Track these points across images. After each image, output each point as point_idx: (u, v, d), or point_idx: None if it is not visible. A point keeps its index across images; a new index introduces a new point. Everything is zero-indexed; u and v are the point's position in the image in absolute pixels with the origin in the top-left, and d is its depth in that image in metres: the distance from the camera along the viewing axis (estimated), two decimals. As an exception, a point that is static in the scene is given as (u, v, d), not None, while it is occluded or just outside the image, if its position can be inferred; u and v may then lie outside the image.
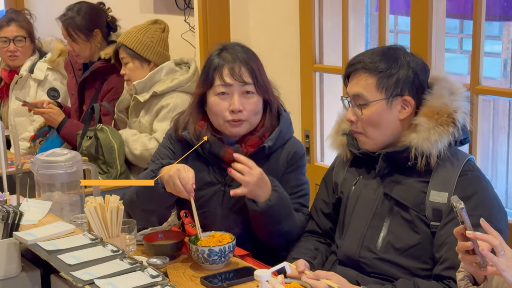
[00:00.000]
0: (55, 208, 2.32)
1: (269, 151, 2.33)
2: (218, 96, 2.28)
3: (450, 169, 2.02)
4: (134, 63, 3.32)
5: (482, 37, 2.40)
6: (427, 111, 2.05)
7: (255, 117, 2.31)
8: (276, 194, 2.22)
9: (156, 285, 1.62)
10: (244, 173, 2.17)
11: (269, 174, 2.30)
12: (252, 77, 2.27)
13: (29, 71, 4.02)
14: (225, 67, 2.26)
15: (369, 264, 2.07)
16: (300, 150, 2.39)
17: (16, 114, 4.08)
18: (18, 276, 1.96)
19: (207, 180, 2.35)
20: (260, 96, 2.30)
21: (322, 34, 3.09)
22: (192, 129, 2.33)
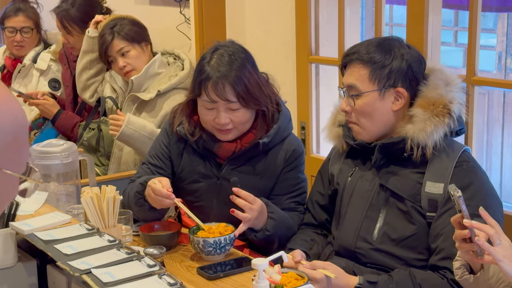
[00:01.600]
0: (51, 198, 2.32)
1: (267, 148, 2.32)
2: (205, 108, 2.26)
3: (446, 160, 2.03)
4: (136, 48, 3.23)
5: (478, 28, 2.40)
6: (422, 102, 2.05)
7: (243, 126, 2.29)
8: (273, 223, 2.21)
9: (153, 274, 1.62)
10: (245, 210, 2.15)
11: (267, 170, 2.32)
12: (237, 95, 2.21)
13: (33, 60, 4.00)
14: (210, 82, 2.21)
15: (365, 254, 2.08)
16: (299, 148, 2.38)
17: None
18: (15, 266, 1.95)
19: (203, 173, 2.35)
20: (248, 109, 2.26)
21: (318, 25, 3.09)
22: (186, 125, 2.33)
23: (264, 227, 2.20)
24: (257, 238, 2.21)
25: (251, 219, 2.16)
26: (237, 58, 2.24)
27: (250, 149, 2.30)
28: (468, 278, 1.74)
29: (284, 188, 2.35)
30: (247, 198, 2.15)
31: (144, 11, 4.05)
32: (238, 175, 2.29)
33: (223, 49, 2.26)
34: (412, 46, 2.13)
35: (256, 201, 2.16)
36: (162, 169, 2.39)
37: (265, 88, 2.29)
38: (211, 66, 2.22)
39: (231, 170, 2.31)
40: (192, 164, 2.35)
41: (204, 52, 2.31)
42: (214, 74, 2.21)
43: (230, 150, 2.30)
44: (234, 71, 2.21)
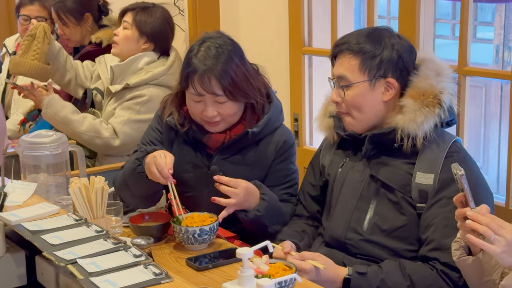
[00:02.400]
0: (41, 189, 2.30)
1: (256, 138, 2.30)
2: (192, 100, 2.24)
3: (436, 151, 2.02)
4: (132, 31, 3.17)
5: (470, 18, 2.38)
6: (413, 93, 2.04)
7: (232, 118, 2.27)
8: (265, 204, 2.21)
9: (139, 264, 1.61)
10: (230, 195, 2.15)
11: (258, 161, 2.31)
12: (223, 88, 2.19)
13: None
14: (196, 75, 2.18)
15: (355, 245, 2.07)
16: (289, 139, 2.36)
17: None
18: (3, 257, 1.94)
19: (193, 163, 2.34)
20: (235, 102, 2.24)
21: (311, 16, 3.07)
22: (176, 115, 2.32)
23: (255, 208, 2.20)
24: (247, 217, 2.20)
25: (237, 203, 2.16)
26: (224, 51, 2.21)
27: (240, 139, 2.29)
28: (466, 259, 1.73)
29: (275, 180, 2.34)
30: (229, 183, 2.16)
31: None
32: (229, 166, 2.28)
33: (210, 42, 2.23)
34: (402, 36, 2.11)
35: (238, 184, 2.16)
36: None
37: (253, 81, 2.27)
38: (198, 59, 2.20)
39: (221, 161, 2.30)
40: (183, 154, 2.34)
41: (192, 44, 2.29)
42: (200, 67, 2.18)
43: (220, 140, 2.29)
44: (221, 64, 2.19)
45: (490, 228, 1.59)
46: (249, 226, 2.27)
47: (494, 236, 1.58)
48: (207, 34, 2.31)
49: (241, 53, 2.29)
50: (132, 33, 3.16)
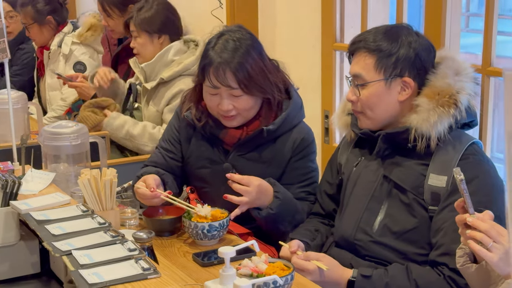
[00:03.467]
0: (61, 179, 2.35)
1: (273, 135, 2.28)
2: (208, 93, 2.24)
3: (452, 152, 1.95)
4: (143, 37, 3.23)
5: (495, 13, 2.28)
6: (428, 92, 1.98)
7: (248, 112, 2.25)
8: (278, 202, 2.18)
9: (131, 258, 1.62)
10: (242, 193, 2.13)
11: (275, 158, 2.29)
12: (238, 81, 2.18)
13: (59, 45, 4.08)
14: (211, 68, 2.19)
15: (364, 247, 2.03)
16: (308, 137, 2.33)
17: (50, 89, 4.15)
18: (17, 244, 1.99)
19: (210, 158, 2.34)
20: (251, 95, 2.22)
21: (344, 12, 3.03)
22: (194, 110, 2.32)
23: (268, 205, 2.18)
24: (260, 215, 2.19)
25: (249, 202, 2.14)
26: (242, 45, 2.21)
27: (255, 136, 2.27)
28: (470, 267, 1.67)
29: (293, 178, 2.31)
30: (241, 181, 2.14)
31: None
32: (245, 162, 2.27)
33: (229, 35, 2.23)
34: (421, 34, 2.05)
35: (251, 182, 2.14)
36: (172, 153, 2.40)
37: (271, 76, 2.25)
38: (214, 51, 2.20)
39: (237, 157, 2.29)
40: (200, 149, 2.34)
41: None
42: (216, 60, 2.18)
43: (236, 136, 2.28)
44: (237, 58, 2.18)
45: (488, 235, 1.53)
46: (263, 224, 2.25)
47: (492, 244, 1.52)
48: (227, 28, 2.30)
49: (260, 48, 2.27)
50: (143, 39, 3.21)
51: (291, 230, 2.24)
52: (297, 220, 2.27)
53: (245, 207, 2.16)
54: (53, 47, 4.06)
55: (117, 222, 2.08)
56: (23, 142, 2.34)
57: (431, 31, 2.51)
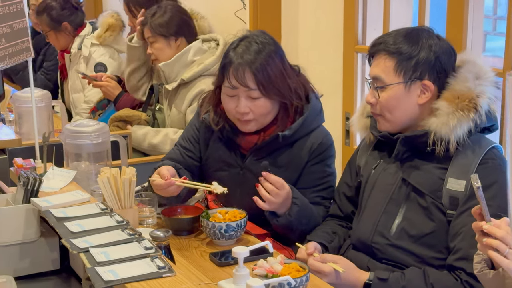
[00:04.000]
0: (82, 177, 2.37)
1: (289, 140, 2.27)
2: (227, 95, 2.24)
3: (471, 157, 1.94)
4: (160, 41, 3.25)
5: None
6: (448, 95, 1.97)
7: (264, 118, 2.24)
8: (296, 208, 2.17)
9: (147, 256, 1.63)
10: (272, 194, 2.11)
11: (292, 163, 2.27)
12: (257, 82, 2.17)
13: (79, 48, 4.12)
14: (231, 67, 2.19)
15: (381, 250, 2.02)
16: (326, 141, 2.31)
17: (73, 91, 4.20)
18: (37, 241, 2.02)
19: (227, 161, 2.34)
20: (269, 99, 2.21)
21: (366, 14, 3.02)
22: (212, 114, 2.32)
23: (286, 212, 2.17)
24: (279, 222, 2.18)
25: (275, 203, 2.12)
26: (265, 48, 2.21)
27: (271, 142, 2.26)
28: (487, 273, 1.66)
29: (309, 182, 2.30)
30: (276, 183, 2.11)
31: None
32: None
33: (252, 38, 2.23)
34: (442, 37, 2.04)
35: (284, 187, 2.13)
36: (191, 151, 2.40)
37: (290, 81, 2.24)
38: (236, 52, 2.21)
39: (254, 161, 2.29)
40: (218, 152, 2.35)
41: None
42: (237, 60, 2.19)
43: (253, 141, 2.28)
44: (259, 60, 2.18)
45: (505, 242, 1.52)
46: (279, 229, 2.25)
47: (508, 250, 1.51)
48: (250, 32, 2.31)
49: (282, 54, 2.27)
50: (160, 43, 3.24)
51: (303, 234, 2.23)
52: (311, 226, 2.25)
53: (268, 207, 2.14)
54: (73, 50, 4.11)
55: (135, 221, 2.09)
56: (45, 140, 2.37)
57: (453, 34, 2.50)
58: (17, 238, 1.95)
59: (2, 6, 2.32)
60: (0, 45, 2.29)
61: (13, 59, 2.37)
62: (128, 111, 3.46)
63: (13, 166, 2.46)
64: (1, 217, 1.93)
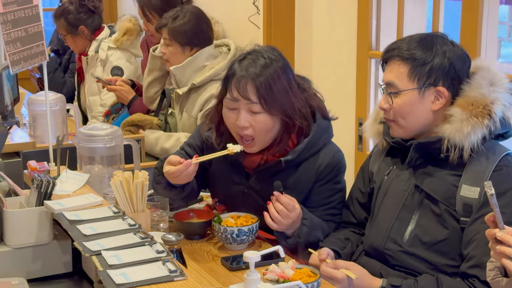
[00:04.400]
0: (95, 180, 2.38)
1: (294, 162, 2.20)
2: (228, 108, 2.19)
3: (485, 163, 1.93)
4: (174, 46, 3.26)
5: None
6: (462, 102, 1.96)
7: (265, 136, 2.17)
8: (305, 229, 2.13)
9: (159, 260, 1.64)
10: (281, 215, 2.08)
11: (297, 184, 2.22)
12: (259, 96, 2.10)
13: (96, 51, 4.14)
14: (234, 79, 2.14)
15: (394, 256, 2.02)
16: (334, 161, 2.24)
17: (89, 94, 4.22)
18: (50, 243, 2.02)
19: (232, 179, 2.29)
20: (271, 115, 2.14)
21: (380, 19, 3.01)
22: (214, 134, 2.26)
23: (295, 233, 2.13)
24: (288, 244, 2.14)
25: (284, 224, 2.09)
26: (272, 64, 2.15)
27: (273, 165, 2.20)
28: (500, 281, 1.66)
29: (317, 201, 2.25)
30: (287, 205, 2.08)
31: (222, 1, 4.10)
32: (266, 187, 2.18)
33: (260, 53, 2.18)
34: (456, 43, 2.03)
35: (295, 209, 2.09)
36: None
37: (295, 100, 2.16)
38: (241, 64, 2.16)
39: (259, 182, 2.25)
40: (223, 168, 2.30)
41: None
42: (240, 72, 2.13)
43: (255, 161, 2.22)
44: (264, 75, 2.12)
45: None
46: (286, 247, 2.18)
47: None
48: (260, 47, 2.25)
49: (289, 72, 2.20)
50: (175, 48, 3.26)
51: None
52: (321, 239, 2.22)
53: (277, 227, 2.11)
54: (90, 53, 4.13)
55: (147, 224, 2.10)
56: (58, 143, 2.38)
57: (467, 40, 2.49)
58: (30, 240, 1.96)
59: (17, 10, 2.33)
60: (15, 49, 2.31)
61: (28, 63, 2.39)
62: (140, 115, 3.47)
63: (27, 169, 2.48)
64: (15, 220, 1.94)
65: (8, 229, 1.94)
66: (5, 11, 2.27)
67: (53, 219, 2.02)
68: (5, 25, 2.26)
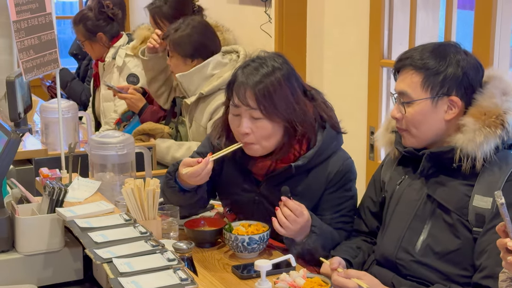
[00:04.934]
0: (106, 188, 2.39)
1: (305, 168, 2.22)
2: (232, 114, 2.22)
3: (498, 173, 1.92)
4: (176, 57, 3.29)
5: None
6: (475, 111, 1.95)
7: (267, 141, 2.19)
8: (315, 236, 2.13)
9: (170, 268, 1.63)
10: (289, 220, 2.08)
11: (308, 191, 2.23)
12: (258, 103, 2.13)
13: (113, 57, 4.16)
14: (235, 86, 2.18)
15: (406, 266, 2.01)
16: (343, 168, 2.25)
17: (104, 99, 4.23)
18: (61, 250, 2.02)
19: (242, 186, 2.30)
20: (271, 121, 2.16)
21: (392, 28, 3.01)
22: (224, 138, 2.29)
23: (305, 240, 2.13)
24: (296, 251, 2.14)
25: (292, 230, 2.09)
26: (274, 73, 2.17)
27: (285, 171, 2.22)
28: None
29: (327, 209, 2.26)
30: (295, 211, 2.08)
31: (234, 9, 4.12)
32: (276, 194, 2.17)
33: (264, 61, 2.20)
34: (469, 52, 2.03)
35: (303, 215, 2.09)
36: None
37: (298, 107, 2.18)
38: (243, 71, 2.19)
39: (269, 188, 2.26)
40: (233, 176, 2.32)
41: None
42: (241, 79, 2.17)
43: (264, 167, 2.23)
44: (264, 82, 2.15)
45: None
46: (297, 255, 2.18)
47: None
48: (264, 53, 2.27)
49: (293, 80, 2.21)
50: (176, 60, 3.28)
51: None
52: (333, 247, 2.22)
53: (285, 233, 2.10)
54: (107, 59, 4.15)
55: (158, 232, 2.10)
56: (70, 150, 2.39)
57: (480, 49, 2.48)
58: (42, 247, 1.96)
59: (31, 18, 2.35)
60: (29, 56, 2.32)
61: (41, 70, 2.40)
62: (151, 124, 3.48)
63: (39, 176, 2.48)
64: (26, 227, 1.94)
65: (20, 236, 1.94)
66: (19, 19, 2.29)
67: (64, 226, 2.03)
68: (19, 32, 2.28)
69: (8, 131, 1.92)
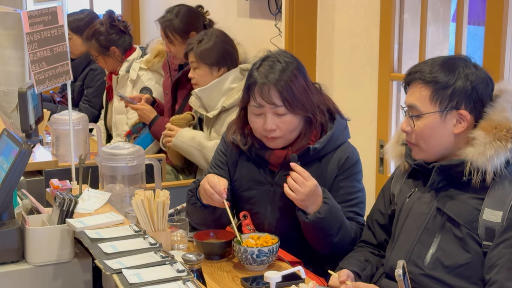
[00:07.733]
0: (116, 199, 2.40)
1: (319, 154, 2.32)
2: (254, 114, 2.30)
3: (508, 187, 1.92)
4: (203, 68, 3.30)
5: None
6: (485, 125, 1.95)
7: (290, 134, 2.31)
8: (326, 207, 2.20)
9: (179, 279, 1.64)
10: (297, 183, 2.18)
11: (321, 177, 2.30)
12: (283, 99, 2.24)
13: (127, 70, 4.18)
14: (256, 86, 2.26)
15: (415, 279, 2.00)
16: (353, 156, 2.36)
17: (116, 112, 4.25)
18: (71, 261, 2.03)
19: (257, 180, 2.37)
20: (295, 115, 2.28)
21: (402, 42, 3.02)
22: (239, 136, 2.37)
23: (316, 210, 2.20)
24: (308, 219, 2.20)
25: (301, 192, 2.17)
26: (289, 67, 2.28)
27: (301, 156, 2.29)
28: None
29: (339, 197, 2.32)
30: (302, 174, 2.18)
31: (245, 23, 4.13)
32: None
33: (275, 57, 2.30)
34: (479, 66, 2.03)
35: (310, 178, 2.18)
36: (222, 176, 2.42)
37: (313, 97, 2.31)
38: (259, 71, 2.27)
39: (284, 177, 2.30)
40: (247, 171, 2.39)
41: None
42: (261, 79, 2.25)
43: (281, 156, 2.32)
44: (283, 78, 2.25)
45: None
46: (310, 231, 2.25)
47: None
48: (272, 52, 2.37)
49: (304, 71, 2.34)
50: (203, 70, 3.29)
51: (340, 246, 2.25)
52: (344, 236, 2.26)
53: (295, 196, 2.19)
54: (121, 72, 4.17)
55: (168, 243, 2.10)
56: (81, 162, 2.40)
57: (490, 63, 2.48)
58: (52, 258, 1.97)
59: (43, 30, 2.37)
60: (41, 68, 2.34)
61: (52, 82, 2.42)
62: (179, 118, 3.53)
63: (49, 187, 2.50)
64: (37, 237, 1.95)
65: (30, 246, 1.95)
66: (32, 31, 2.31)
67: (74, 237, 2.03)
68: (31, 44, 2.30)
69: (20, 142, 1.93)
